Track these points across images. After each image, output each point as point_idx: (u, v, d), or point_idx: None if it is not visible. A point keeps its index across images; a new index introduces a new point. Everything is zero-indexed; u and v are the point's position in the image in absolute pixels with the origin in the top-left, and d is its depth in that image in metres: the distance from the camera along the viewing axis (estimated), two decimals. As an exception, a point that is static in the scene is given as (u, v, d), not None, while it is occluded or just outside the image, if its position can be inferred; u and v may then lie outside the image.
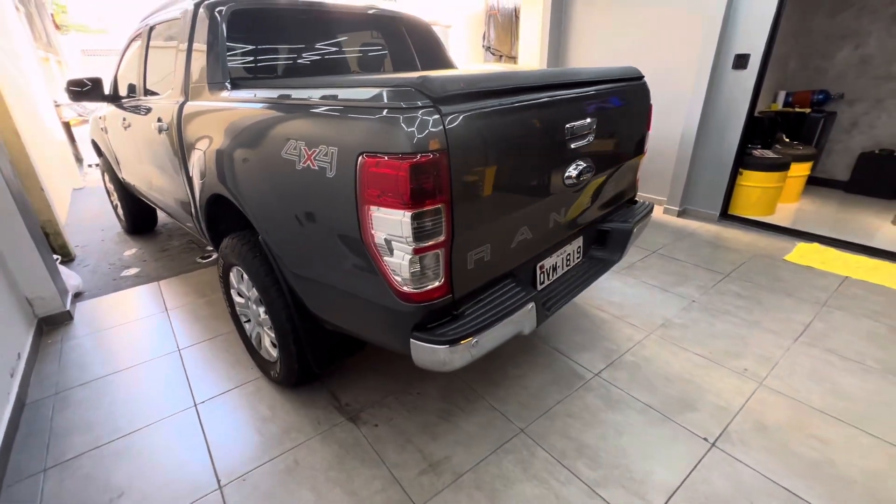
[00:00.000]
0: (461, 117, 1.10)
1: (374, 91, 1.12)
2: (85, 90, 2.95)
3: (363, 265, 1.24)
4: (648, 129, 2.06)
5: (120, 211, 4.08)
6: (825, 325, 2.42)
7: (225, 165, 1.66)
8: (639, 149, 2.02)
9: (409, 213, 1.07)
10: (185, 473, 1.63)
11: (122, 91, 3.05)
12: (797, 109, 4.66)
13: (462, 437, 1.76)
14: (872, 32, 4.29)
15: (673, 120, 3.94)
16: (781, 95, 4.79)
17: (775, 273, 3.02)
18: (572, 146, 1.49)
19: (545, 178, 1.45)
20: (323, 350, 1.74)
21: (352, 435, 1.78)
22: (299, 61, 2.21)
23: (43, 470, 1.67)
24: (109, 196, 4.24)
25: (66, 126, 6.82)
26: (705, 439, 1.71)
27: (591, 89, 1.58)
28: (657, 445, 1.69)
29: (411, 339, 1.23)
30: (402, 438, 1.76)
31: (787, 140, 4.36)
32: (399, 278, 1.17)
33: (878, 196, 4.45)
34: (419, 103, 1.05)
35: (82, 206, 5.10)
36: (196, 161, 1.90)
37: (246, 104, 1.58)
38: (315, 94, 1.29)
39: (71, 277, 2.99)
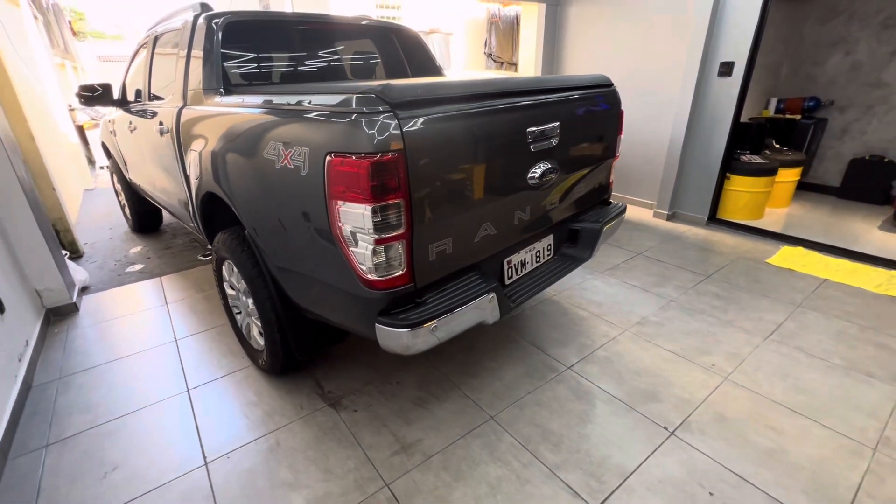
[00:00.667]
0: (418, 121, 1.22)
1: (341, 97, 1.24)
2: (95, 95, 3.13)
3: (334, 255, 1.35)
4: (620, 133, 2.16)
5: (127, 210, 4.26)
6: (797, 325, 2.49)
7: (217, 165, 1.79)
8: (609, 152, 2.12)
9: (370, 207, 1.19)
10: (174, 451, 1.76)
11: (130, 96, 3.22)
12: (788, 116, 4.72)
13: (434, 422, 1.86)
14: (861, 39, 4.35)
15: (662, 125, 4.03)
16: (773, 102, 4.85)
17: (755, 275, 3.09)
18: (534, 148, 1.60)
19: (507, 177, 1.56)
20: (305, 338, 1.86)
21: (331, 419, 1.89)
22: (293, 69, 2.36)
23: (45, 445, 1.81)
24: (118, 196, 4.42)
25: (80, 129, 7.08)
26: (665, 428, 1.80)
27: (554, 96, 1.69)
28: (618, 433, 1.78)
29: (376, 324, 1.34)
30: (378, 423, 1.87)
31: (777, 146, 4.42)
32: (364, 267, 1.28)
33: (870, 202, 4.49)
34: (380, 108, 1.17)
35: (93, 206, 5.30)
36: (192, 161, 2.04)
37: (235, 109, 1.72)
38: (292, 100, 1.42)
39: (78, 272, 3.15)
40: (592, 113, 1.92)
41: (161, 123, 2.38)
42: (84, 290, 3.15)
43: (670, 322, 2.53)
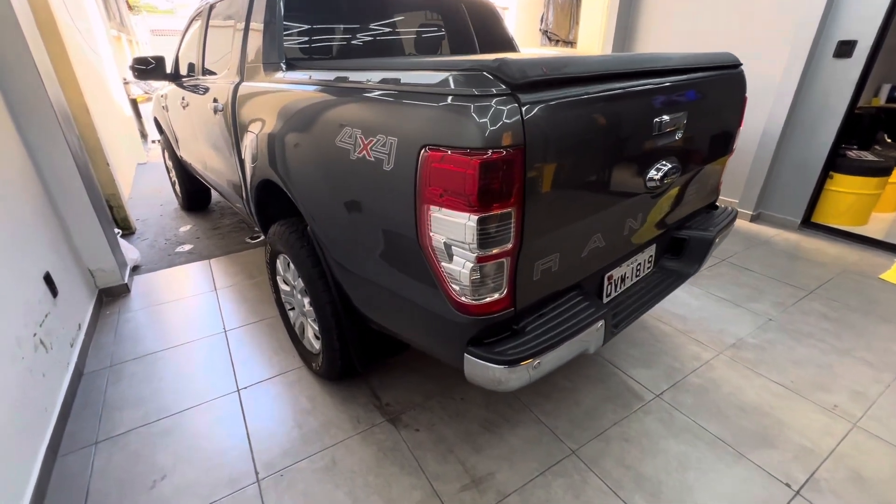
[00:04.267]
0: (541, 108, 0.94)
1: (441, 75, 0.98)
2: (149, 68, 3.01)
3: (417, 268, 1.12)
4: (740, 124, 1.80)
5: (177, 188, 4.22)
6: (934, 361, 2.09)
7: (276, 150, 1.59)
8: (727, 147, 1.78)
9: (475, 217, 0.94)
10: (225, 461, 1.62)
11: (183, 70, 3.09)
12: (904, 105, 4.08)
13: (507, 451, 1.64)
14: None
15: (755, 113, 3.54)
16: (885, 89, 4.21)
17: (869, 293, 2.66)
18: (659, 143, 1.30)
19: (627, 179, 1.27)
20: (367, 348, 1.66)
21: (391, 437, 1.70)
22: (356, 42, 2.11)
23: (95, 443, 1.72)
24: (168, 172, 4.39)
25: (133, 103, 7.17)
26: (788, 485, 1.50)
27: (684, 78, 1.37)
28: (729, 486, 1.50)
29: (465, 354, 1.11)
30: (444, 447, 1.66)
31: (890, 141, 3.83)
32: (457, 287, 1.05)
33: None
34: (494, 90, 0.91)
35: (145, 181, 5.34)
36: (248, 144, 1.85)
37: (300, 86, 1.50)
38: (374, 77, 1.18)
39: (130, 251, 3.10)
40: (719, 99, 1.58)
41: (215, 100, 2.21)
42: (135, 269, 3.10)
43: (772, 346, 2.18)
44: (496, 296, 1.07)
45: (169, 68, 3.20)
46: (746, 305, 2.53)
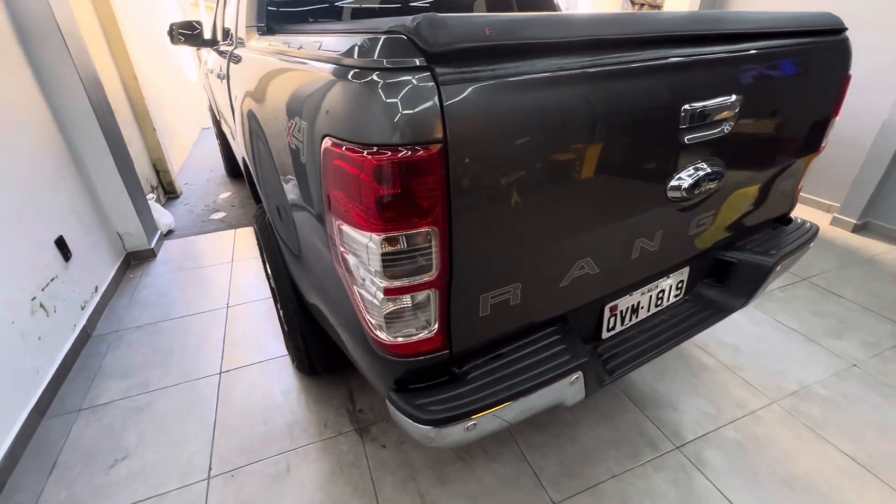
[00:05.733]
0: (476, 89, 0.66)
1: (352, 40, 0.72)
2: (189, 34, 2.98)
3: (338, 283, 0.91)
4: (836, 113, 1.33)
5: (221, 155, 4.32)
6: None
7: (241, 126, 1.43)
8: (812, 144, 1.32)
9: (376, 238, 0.69)
10: (184, 451, 1.57)
11: (220, 36, 3.03)
12: None
13: (475, 489, 1.42)
14: None
15: (872, 97, 2.79)
16: None
17: None
18: (688, 140, 0.94)
19: (632, 189, 0.93)
20: (326, 353, 1.50)
21: (354, 451, 1.55)
22: (366, 4, 1.86)
23: (78, 410, 1.75)
24: (217, 138, 4.50)
25: (206, 68, 7.50)
26: None
27: (743, 47, 0.98)
28: (747, 590, 1.16)
29: (387, 401, 0.89)
30: (407, 472, 1.48)
31: None
32: (372, 320, 0.82)
33: None
34: (408, 62, 0.64)
35: (204, 146, 5.59)
36: (235, 115, 1.72)
37: (262, 56, 1.30)
38: (300, 44, 0.94)
39: (164, 216, 3.20)
40: (804, 78, 1.14)
41: (221, 67, 2.10)
42: (169, 233, 3.21)
43: (850, 403, 1.71)
44: (423, 334, 0.83)
45: (208, 33, 3.18)
46: (824, 342, 2.01)
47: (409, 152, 0.63)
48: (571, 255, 0.93)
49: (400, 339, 0.82)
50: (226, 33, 2.84)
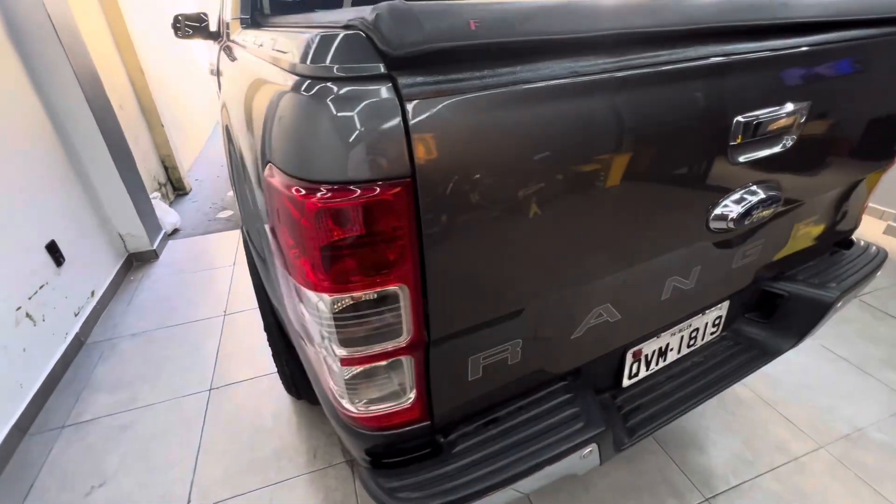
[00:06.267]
0: (456, 103, 0.48)
1: (306, 36, 0.55)
2: (203, 25, 2.86)
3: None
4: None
5: (233, 149, 4.24)
6: None
7: (223, 130, 1.28)
8: (887, 155, 1.09)
9: (326, 298, 0.53)
10: (165, 478, 1.47)
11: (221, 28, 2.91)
12: None
13: (475, 541, 1.26)
14: None
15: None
16: None
17: None
18: (743, 159, 0.74)
19: (668, 223, 0.75)
20: (308, 382, 1.36)
21: (343, 488, 1.41)
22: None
23: (62, 426, 1.67)
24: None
25: (224, 60, 7.45)
26: None
27: (816, 40, 0.77)
28: None
29: (356, 475, 0.74)
30: (399, 515, 1.33)
31: None
32: (334, 388, 0.66)
33: None
34: (358, 69, 0.47)
35: (217, 141, 5.53)
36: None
37: (239, 53, 1.14)
38: (265, 43, 0.78)
39: (169, 215, 3.13)
40: (878, 77, 0.92)
41: (211, 63, 1.97)
42: (175, 232, 3.14)
43: (913, 450, 1.48)
44: (396, 405, 0.67)
45: (214, 25, 3.06)
46: (879, 374, 1.77)
47: (362, 193, 0.47)
48: (586, 304, 0.76)
49: (368, 411, 0.66)
50: (223, 25, 2.71)
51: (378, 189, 0.47)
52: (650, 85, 0.59)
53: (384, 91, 0.46)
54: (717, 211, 0.78)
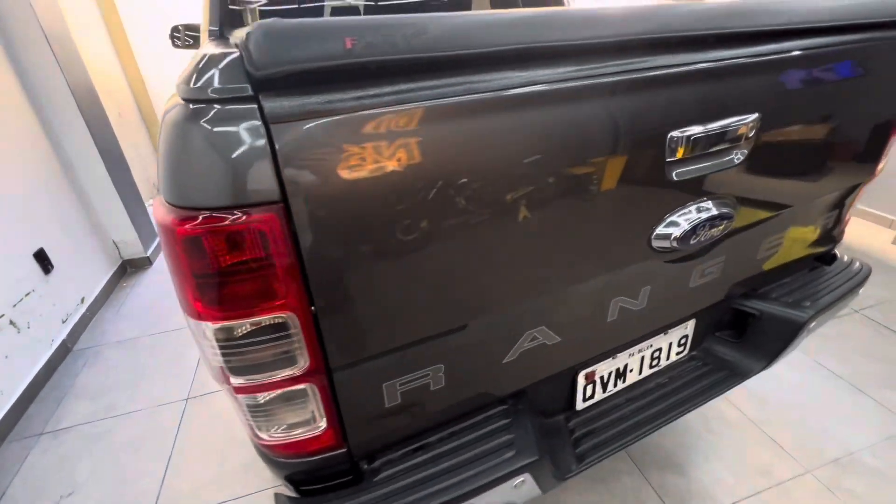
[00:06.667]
0: (330, 124, 0.46)
1: (197, 58, 0.54)
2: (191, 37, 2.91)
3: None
4: (900, 127, 1.03)
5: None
6: None
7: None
8: (864, 168, 1.03)
9: (210, 326, 0.51)
10: (133, 489, 1.47)
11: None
12: None
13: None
14: None
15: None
16: None
17: None
18: (678, 176, 0.70)
19: (602, 243, 0.71)
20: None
21: (307, 503, 1.39)
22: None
23: (40, 434, 1.69)
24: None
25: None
26: None
27: (761, 50, 0.72)
28: None
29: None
30: (361, 534, 1.31)
31: None
32: (242, 413, 0.64)
33: None
34: (229, 91, 0.45)
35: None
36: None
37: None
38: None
39: (165, 222, 3.17)
40: (851, 86, 0.87)
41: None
42: (171, 239, 3.17)
43: (907, 477, 1.39)
44: (307, 432, 0.64)
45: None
46: (877, 394, 1.68)
47: (230, 220, 0.45)
48: (516, 328, 0.72)
49: (279, 438, 0.64)
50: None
51: (245, 216, 0.45)
52: (559, 101, 0.56)
53: (248, 113, 0.44)
54: (660, 230, 0.74)
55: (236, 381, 0.56)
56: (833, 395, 1.69)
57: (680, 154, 0.68)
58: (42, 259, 2.03)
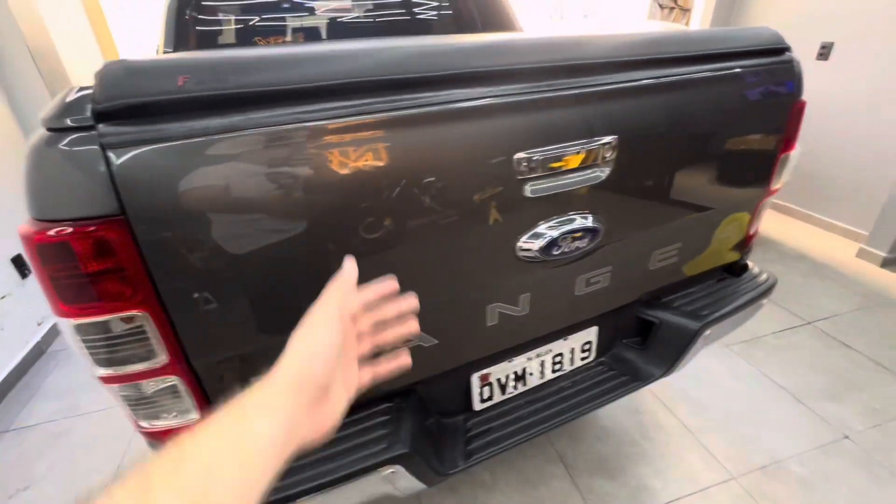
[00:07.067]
0: (160, 149, 0.54)
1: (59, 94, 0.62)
2: None
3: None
4: (789, 147, 1.09)
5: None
6: None
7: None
8: (758, 187, 1.10)
9: (71, 322, 0.59)
10: (84, 486, 1.54)
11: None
12: None
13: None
14: None
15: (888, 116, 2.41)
16: None
17: None
18: (532, 192, 0.77)
19: (464, 252, 0.78)
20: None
21: None
22: (297, 25, 1.79)
23: (5, 431, 1.77)
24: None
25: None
26: None
27: (609, 79, 0.80)
28: None
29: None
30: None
31: None
32: (122, 406, 0.71)
33: None
34: (79, 120, 0.53)
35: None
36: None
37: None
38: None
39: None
40: (731, 111, 0.94)
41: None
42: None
43: (829, 485, 1.42)
44: (184, 421, 0.71)
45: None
46: (816, 405, 1.71)
47: (71, 230, 0.52)
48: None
49: (156, 426, 0.71)
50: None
51: (89, 227, 0.53)
52: (401, 126, 0.64)
53: (87, 139, 0.51)
54: (523, 241, 0.81)
55: (99, 371, 0.63)
56: (772, 404, 1.72)
57: (529, 173, 0.75)
58: (19, 264, 2.13)
